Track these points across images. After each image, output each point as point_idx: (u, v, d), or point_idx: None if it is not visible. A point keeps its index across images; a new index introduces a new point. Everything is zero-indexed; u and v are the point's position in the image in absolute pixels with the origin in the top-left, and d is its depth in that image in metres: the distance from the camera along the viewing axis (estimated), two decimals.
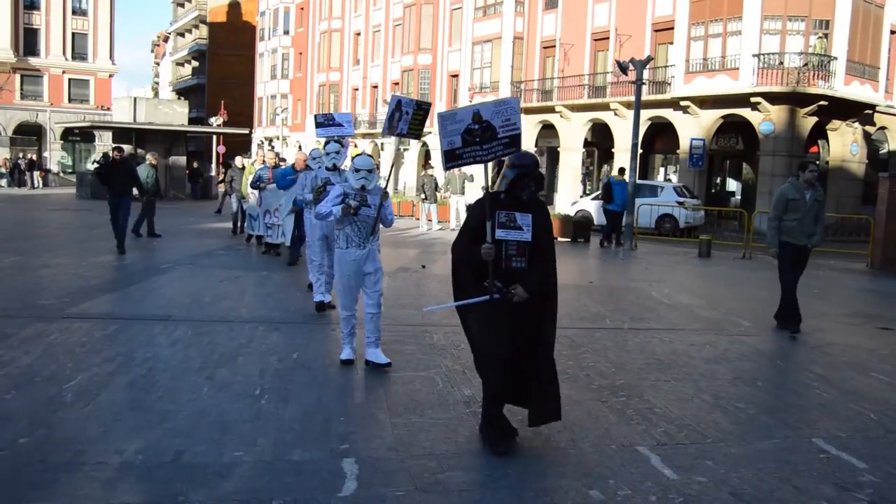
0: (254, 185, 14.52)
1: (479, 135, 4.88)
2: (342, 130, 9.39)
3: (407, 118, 6.61)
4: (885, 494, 4.50)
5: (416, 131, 6.74)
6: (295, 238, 12.71)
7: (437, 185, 23.07)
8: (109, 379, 5.99)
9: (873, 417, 5.98)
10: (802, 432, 5.54)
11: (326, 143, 8.92)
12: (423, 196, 22.72)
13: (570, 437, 5.18)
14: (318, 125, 9.52)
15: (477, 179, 22.24)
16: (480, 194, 5.59)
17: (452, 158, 4.93)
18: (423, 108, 6.75)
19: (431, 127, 45.75)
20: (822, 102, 25.60)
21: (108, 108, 51.25)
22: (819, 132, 27.96)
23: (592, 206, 24.70)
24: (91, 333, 7.49)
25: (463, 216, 20.82)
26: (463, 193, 22.60)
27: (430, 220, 22.43)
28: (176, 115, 36.71)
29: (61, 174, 53.35)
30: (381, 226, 6.76)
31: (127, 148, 31.66)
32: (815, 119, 26.54)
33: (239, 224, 17.86)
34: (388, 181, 7.42)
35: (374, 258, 6.72)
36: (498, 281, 4.83)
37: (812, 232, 9.17)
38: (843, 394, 6.64)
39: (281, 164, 15.48)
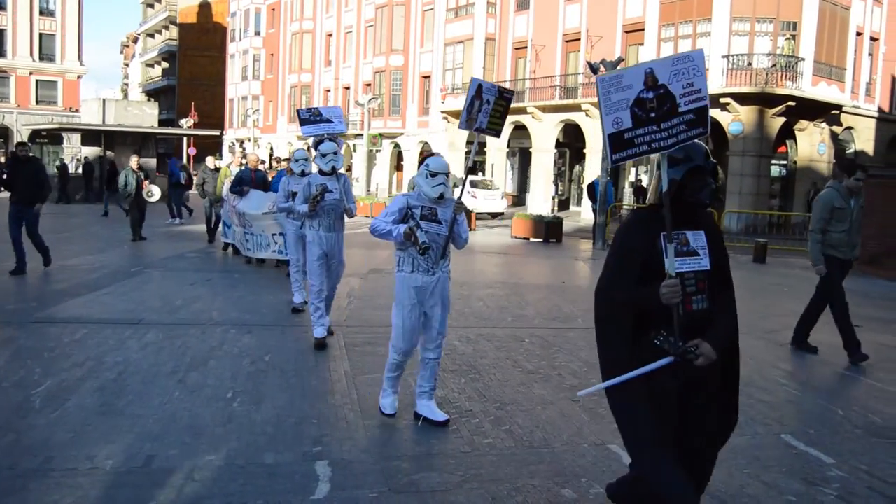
0: (234, 189, 13.16)
1: (654, 108, 3.31)
2: (332, 127, 8.03)
3: (487, 109, 5.59)
4: (851, 489, 4.57)
5: (496, 126, 5.71)
6: None
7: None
8: (79, 384, 5.92)
9: (841, 414, 6.07)
10: (772, 429, 5.61)
11: (319, 142, 7.64)
12: None
13: (543, 436, 5.21)
14: (303, 122, 8.03)
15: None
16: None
17: (622, 146, 3.36)
18: (505, 98, 5.72)
19: (404, 128, 45.73)
20: (790, 103, 25.93)
21: (77, 110, 50.78)
22: (787, 132, 28.32)
23: None
24: (59, 338, 7.41)
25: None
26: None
27: None
28: (146, 116, 36.43)
29: None
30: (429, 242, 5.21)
31: (96, 150, 31.45)
32: (783, 119, 26.88)
33: (214, 229, 16.47)
34: (462, 187, 5.90)
35: (444, 288, 5.37)
36: (668, 331, 3.33)
37: (855, 243, 8.27)
38: (811, 390, 6.74)
39: (260, 166, 14.32)
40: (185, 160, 49.88)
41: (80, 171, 31.71)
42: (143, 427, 5.03)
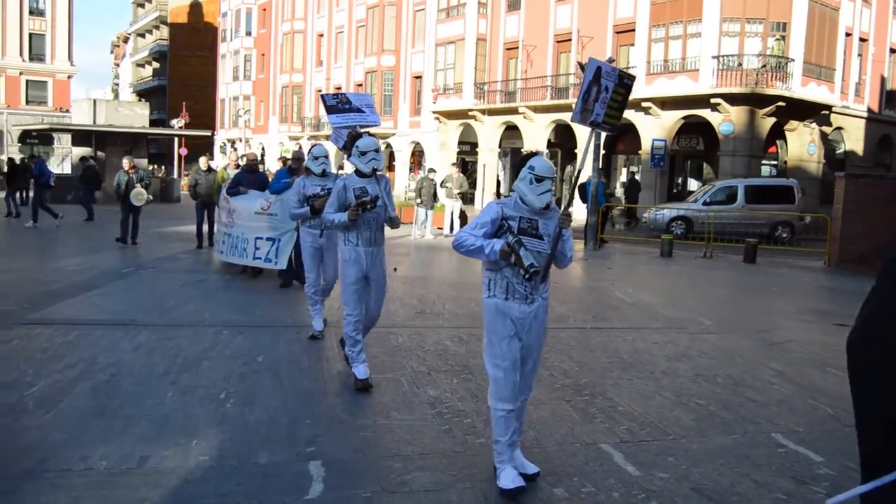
0: (231, 192, 12.16)
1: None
2: (365, 118, 6.97)
3: (605, 97, 4.69)
4: (841, 487, 4.61)
5: (613, 118, 4.82)
6: (289, 256, 11.04)
7: (436, 189, 21.24)
8: (72, 385, 5.93)
9: (830, 412, 6.12)
10: (761, 427, 5.65)
11: (356, 137, 6.39)
12: (419, 200, 21.23)
13: (535, 436, 5.24)
14: (329, 109, 6.95)
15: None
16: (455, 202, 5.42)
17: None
18: (625, 84, 4.84)
19: (396, 128, 45.76)
20: (780, 103, 26.06)
21: (67, 110, 50.63)
22: (777, 132, 28.46)
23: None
24: (52, 339, 7.40)
25: (458, 222, 20.55)
26: (459, 199, 21.23)
27: (424, 227, 20.98)
28: (136, 116, 36.37)
29: None
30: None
31: (87, 151, 31.35)
32: (773, 119, 27.01)
33: (206, 235, 15.52)
34: (571, 195, 5.09)
35: (542, 317, 4.49)
36: None
37: None
38: (801, 389, 6.79)
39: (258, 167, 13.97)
40: (176, 160, 49.90)
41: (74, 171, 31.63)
42: (136, 428, 5.04)
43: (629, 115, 29.99)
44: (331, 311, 8.72)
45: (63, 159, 33.05)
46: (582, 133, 31.68)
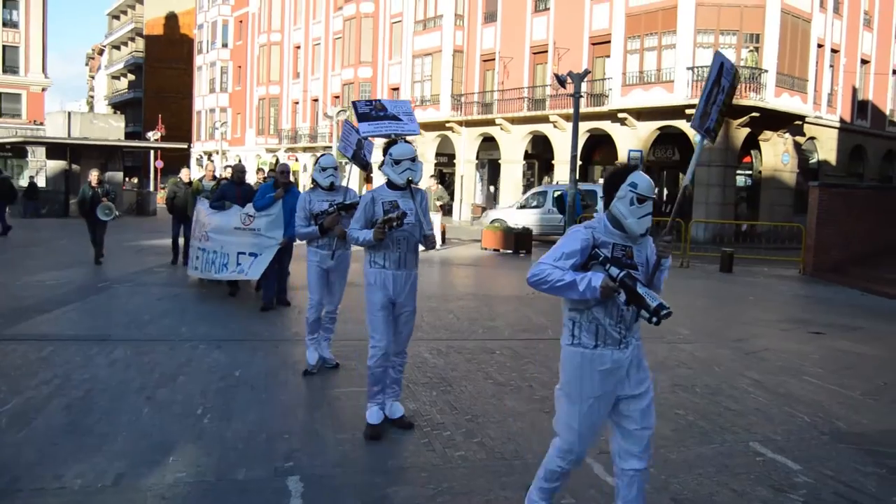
0: (215, 205, 11.27)
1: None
2: (402, 126, 5.90)
3: (721, 99, 3.98)
4: (818, 494, 4.64)
5: (719, 126, 4.06)
6: (270, 276, 10.37)
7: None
8: (46, 402, 5.85)
9: (807, 420, 6.17)
10: (739, 436, 5.68)
11: (390, 143, 5.53)
12: None
13: (514, 448, 5.23)
14: (362, 117, 5.84)
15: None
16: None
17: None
18: (734, 84, 4.04)
19: (373, 140, 45.84)
20: (753, 114, 26.32)
21: (41, 123, 50.08)
22: (751, 143, 28.74)
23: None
24: (26, 356, 7.30)
25: (438, 234, 20.30)
26: (440, 210, 20.77)
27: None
28: (112, 129, 36.04)
29: None
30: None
31: (62, 164, 31.09)
32: (747, 130, 27.28)
33: (182, 249, 14.48)
34: (675, 214, 4.11)
35: (640, 364, 3.76)
36: None
37: None
38: (778, 398, 6.83)
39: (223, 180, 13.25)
40: (152, 173, 49.59)
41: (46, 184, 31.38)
42: (111, 445, 4.98)
43: (605, 125, 30.24)
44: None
45: (37, 172, 32.66)
46: (558, 145, 31.81)
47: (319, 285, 7.05)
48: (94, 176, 15.08)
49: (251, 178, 19.99)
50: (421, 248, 5.47)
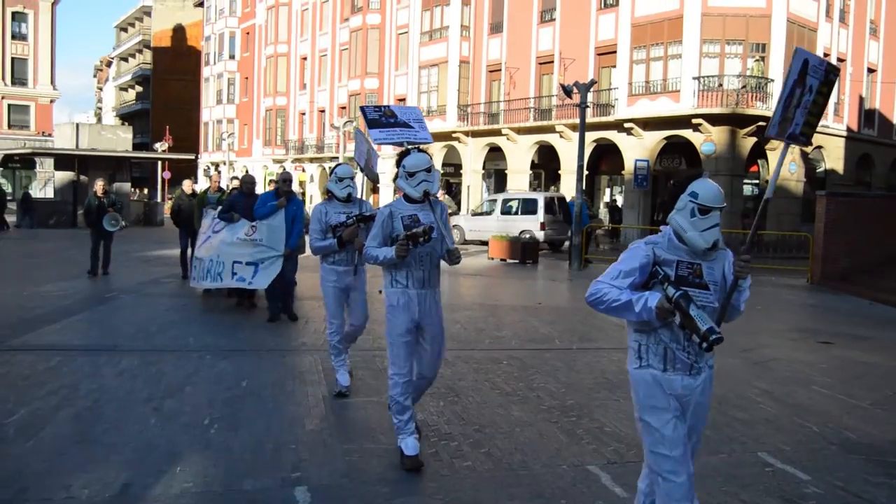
0: (223, 216, 10.90)
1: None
2: (414, 134, 5.61)
3: (808, 101, 3.74)
4: None
5: (811, 127, 3.82)
6: (275, 287, 10.12)
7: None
8: (53, 412, 5.86)
9: (816, 430, 6.13)
10: (748, 447, 5.65)
11: (404, 154, 5.15)
12: None
13: (522, 458, 5.21)
14: (371, 123, 5.58)
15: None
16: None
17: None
18: (830, 80, 3.80)
19: (380, 151, 45.82)
20: (760, 123, 26.28)
21: (50, 134, 50.40)
22: (758, 152, 28.69)
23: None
24: (34, 366, 7.32)
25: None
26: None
27: None
28: (120, 140, 36.23)
29: None
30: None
31: (70, 175, 31.25)
32: (754, 139, 27.24)
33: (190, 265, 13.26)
34: (754, 231, 3.99)
35: (709, 391, 3.57)
36: None
37: None
38: (787, 408, 6.80)
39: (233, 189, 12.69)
40: (159, 184, 49.75)
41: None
42: (119, 455, 4.98)
43: (611, 135, 30.24)
44: (310, 336, 8.64)
45: (45, 183, 32.83)
46: (565, 155, 31.82)
47: (338, 307, 6.63)
48: (99, 186, 14.80)
49: (261, 189, 19.89)
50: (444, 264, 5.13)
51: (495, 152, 36.84)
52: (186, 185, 14.90)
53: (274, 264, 9.94)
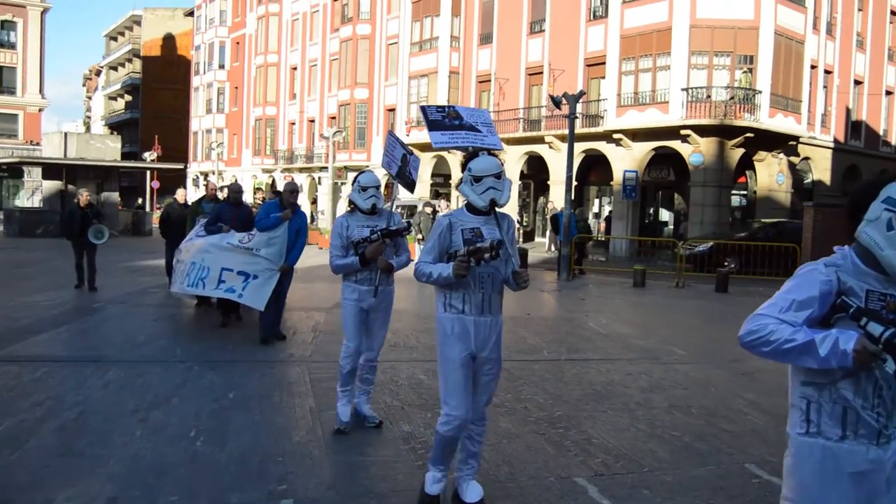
0: (210, 228, 10.14)
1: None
2: (481, 139, 4.76)
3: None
4: None
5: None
6: (271, 306, 9.31)
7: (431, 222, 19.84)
8: (39, 424, 5.82)
9: None
10: (735, 458, 5.66)
11: (471, 156, 4.41)
12: (419, 236, 21.38)
13: (509, 470, 5.21)
14: (433, 125, 4.74)
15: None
16: None
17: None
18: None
19: (369, 160, 45.85)
20: (748, 134, 26.44)
21: (38, 143, 50.20)
22: (746, 163, 28.83)
23: None
24: (19, 377, 7.27)
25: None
26: None
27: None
28: (108, 150, 36.09)
29: None
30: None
31: (58, 184, 31.13)
32: (742, 150, 27.38)
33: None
34: None
35: None
36: None
37: None
38: (774, 419, 6.81)
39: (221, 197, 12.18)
40: (148, 193, 49.61)
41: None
42: (104, 468, 4.95)
43: (600, 146, 30.35)
44: (297, 347, 8.59)
45: (33, 193, 32.69)
46: (554, 165, 31.89)
47: (357, 328, 5.92)
48: (83, 197, 14.11)
49: (249, 199, 19.75)
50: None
51: None
52: (179, 195, 14.19)
53: (269, 280, 9.15)
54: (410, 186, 6.32)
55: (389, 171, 5.95)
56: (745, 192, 30.84)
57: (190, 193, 51.15)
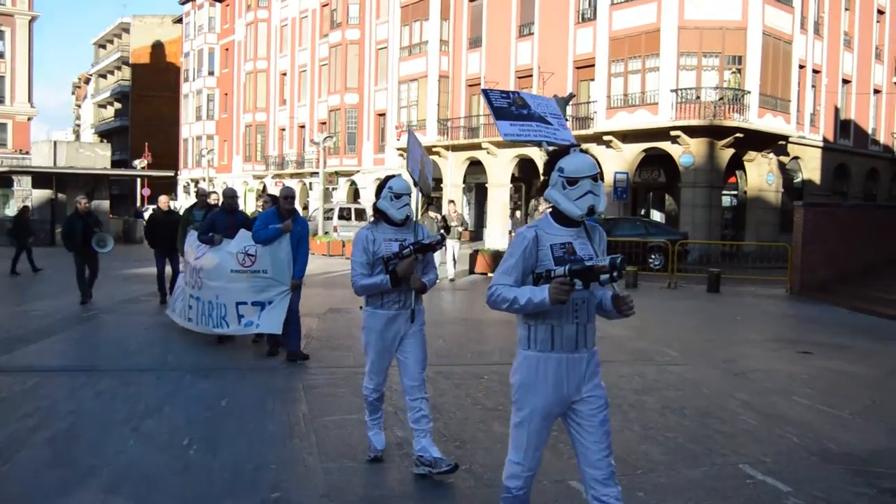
0: (203, 238, 9.49)
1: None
2: (552, 133, 4.12)
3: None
4: None
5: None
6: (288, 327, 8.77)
7: (438, 229, 19.01)
8: (30, 434, 5.79)
9: (796, 441, 6.15)
10: (729, 459, 5.67)
11: (556, 154, 3.57)
12: None
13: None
14: (499, 113, 4.10)
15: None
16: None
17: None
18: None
19: (360, 165, 45.76)
20: (738, 135, 26.53)
21: (27, 152, 49.92)
22: (736, 163, 28.93)
23: None
24: (10, 387, 7.23)
25: (457, 262, 19.41)
26: (458, 238, 20.38)
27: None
28: (98, 158, 35.97)
29: None
30: None
31: (48, 193, 30.99)
32: (732, 151, 27.47)
33: (170, 286, 12.50)
34: None
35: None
36: None
37: None
38: (767, 419, 6.82)
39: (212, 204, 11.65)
40: (138, 201, 49.45)
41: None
42: (96, 478, 4.92)
43: (590, 148, 30.30)
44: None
45: (23, 202, 32.53)
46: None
47: (383, 361, 5.15)
48: (82, 204, 13.40)
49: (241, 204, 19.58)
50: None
51: (476, 166, 36.93)
52: (162, 201, 13.65)
53: (282, 302, 8.70)
54: (428, 191, 5.83)
55: (413, 175, 5.36)
56: (735, 193, 30.93)
57: (181, 201, 50.99)
